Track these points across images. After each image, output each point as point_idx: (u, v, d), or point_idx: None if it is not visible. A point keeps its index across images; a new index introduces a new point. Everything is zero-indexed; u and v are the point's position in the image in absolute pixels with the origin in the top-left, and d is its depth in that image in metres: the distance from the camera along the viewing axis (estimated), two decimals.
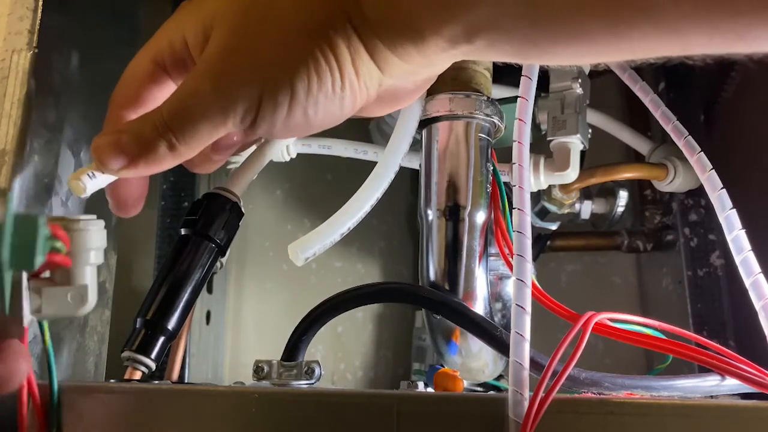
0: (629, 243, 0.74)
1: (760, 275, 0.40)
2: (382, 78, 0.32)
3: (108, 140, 0.32)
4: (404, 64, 0.32)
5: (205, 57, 0.32)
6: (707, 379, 0.39)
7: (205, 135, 0.32)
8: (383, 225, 0.87)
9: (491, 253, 0.50)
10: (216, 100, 0.31)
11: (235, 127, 0.32)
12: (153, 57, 0.36)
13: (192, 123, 0.31)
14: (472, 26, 0.29)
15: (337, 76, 0.31)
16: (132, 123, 0.34)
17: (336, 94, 0.32)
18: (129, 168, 0.32)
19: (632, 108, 0.77)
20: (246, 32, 0.31)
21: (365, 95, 0.33)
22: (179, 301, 0.42)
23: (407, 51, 0.31)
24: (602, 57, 0.30)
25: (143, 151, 0.32)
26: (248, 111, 0.31)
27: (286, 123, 0.32)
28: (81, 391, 0.37)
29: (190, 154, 0.33)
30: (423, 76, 0.36)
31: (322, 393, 0.37)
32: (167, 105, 0.32)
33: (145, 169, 0.33)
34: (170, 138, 0.32)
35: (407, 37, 0.30)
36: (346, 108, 0.33)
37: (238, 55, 0.31)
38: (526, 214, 0.38)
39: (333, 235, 0.46)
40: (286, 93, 0.31)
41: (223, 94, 0.31)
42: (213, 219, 0.44)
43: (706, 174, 0.44)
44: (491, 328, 0.42)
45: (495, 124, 0.49)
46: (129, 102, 0.36)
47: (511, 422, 0.32)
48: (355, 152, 0.58)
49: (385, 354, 0.84)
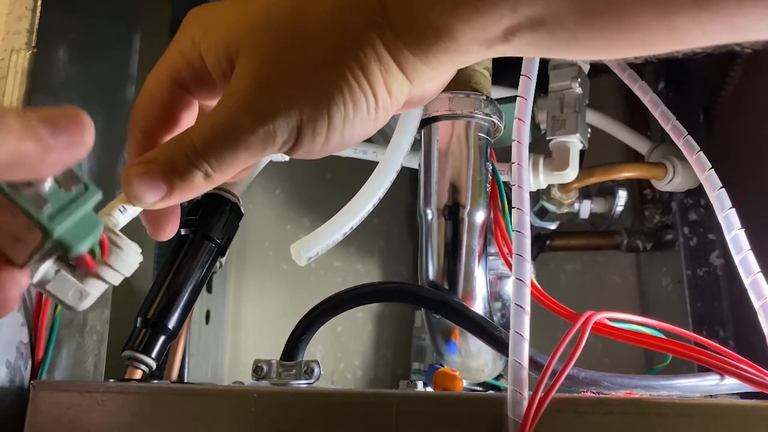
0: (629, 242, 0.74)
1: (759, 275, 0.40)
2: (412, 88, 0.33)
3: (139, 172, 0.32)
4: (433, 71, 0.32)
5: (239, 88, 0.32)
6: (707, 379, 0.39)
7: (243, 163, 0.32)
8: (383, 225, 0.87)
9: (491, 253, 0.50)
10: (255, 134, 0.31)
11: (274, 153, 0.33)
12: (171, 75, 0.35)
13: (231, 154, 0.32)
14: (514, 27, 0.28)
15: (371, 99, 0.31)
16: (161, 152, 0.33)
17: (371, 115, 0.32)
18: (164, 200, 0.32)
19: (631, 108, 0.77)
20: (278, 61, 0.31)
21: (396, 107, 0.33)
22: (179, 300, 0.43)
23: (439, 59, 0.31)
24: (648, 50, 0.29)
25: (178, 183, 0.32)
26: (287, 141, 0.32)
27: (324, 147, 0.33)
28: (80, 390, 0.37)
29: (225, 180, 0.33)
30: (447, 76, 0.36)
31: (322, 393, 0.36)
32: (200, 134, 0.32)
33: (179, 199, 0.33)
34: (206, 168, 0.32)
35: (440, 48, 0.30)
36: (379, 123, 0.34)
37: (273, 87, 0.31)
38: (526, 214, 0.38)
39: (336, 235, 0.46)
40: (324, 122, 0.31)
41: (263, 128, 0.31)
42: (213, 219, 0.44)
43: (706, 173, 0.44)
44: (490, 327, 0.42)
45: (494, 123, 0.49)
46: (152, 124, 0.35)
47: (511, 422, 0.32)
48: (355, 152, 0.58)
49: (385, 354, 0.84)
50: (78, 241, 0.26)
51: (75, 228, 0.26)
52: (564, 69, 0.56)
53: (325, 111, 0.31)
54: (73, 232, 0.25)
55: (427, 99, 0.38)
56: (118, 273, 0.30)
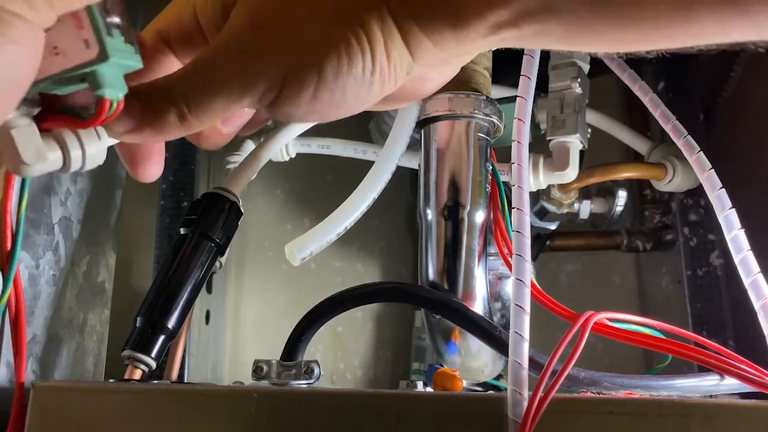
0: (628, 243, 0.74)
1: (759, 275, 0.40)
2: (413, 65, 0.31)
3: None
4: (438, 50, 0.30)
5: (229, 29, 0.31)
6: (706, 379, 0.39)
7: (219, 109, 0.31)
8: (383, 225, 0.87)
9: (490, 253, 0.50)
10: (237, 75, 0.30)
11: (252, 105, 0.31)
12: (158, 29, 0.34)
13: (208, 95, 0.30)
14: (524, 11, 0.27)
15: (368, 59, 0.30)
16: (139, 87, 0.31)
17: (365, 78, 0.30)
18: (133, 133, 0.31)
19: (631, 108, 0.77)
20: (276, 9, 0.30)
21: (393, 82, 0.31)
22: (179, 300, 0.43)
23: (444, 36, 0.29)
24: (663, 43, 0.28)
25: (151, 118, 0.30)
26: (270, 89, 0.30)
27: (310, 105, 0.31)
28: (80, 390, 0.37)
29: (199, 128, 0.31)
30: (452, 66, 0.35)
31: (322, 393, 0.36)
32: (181, 74, 0.31)
33: (150, 136, 0.31)
34: (182, 108, 0.30)
35: (446, 22, 0.29)
36: (373, 93, 0.31)
37: (266, 31, 0.30)
38: (525, 214, 0.38)
39: (329, 236, 0.46)
40: (314, 73, 0.29)
41: (247, 68, 0.30)
42: (212, 218, 0.44)
43: (706, 173, 0.44)
44: (490, 327, 0.42)
45: (494, 123, 0.49)
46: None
47: (511, 422, 0.32)
48: (355, 152, 0.58)
49: (385, 354, 0.84)
50: (110, 84, 0.26)
51: (115, 73, 0.26)
52: (564, 69, 0.56)
53: (316, 61, 0.29)
54: (112, 73, 0.26)
55: (426, 92, 0.36)
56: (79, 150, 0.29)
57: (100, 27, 0.25)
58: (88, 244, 0.54)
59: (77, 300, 0.52)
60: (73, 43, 0.26)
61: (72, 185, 0.52)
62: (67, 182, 0.51)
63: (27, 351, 0.46)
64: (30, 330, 0.47)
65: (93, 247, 0.55)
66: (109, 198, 0.57)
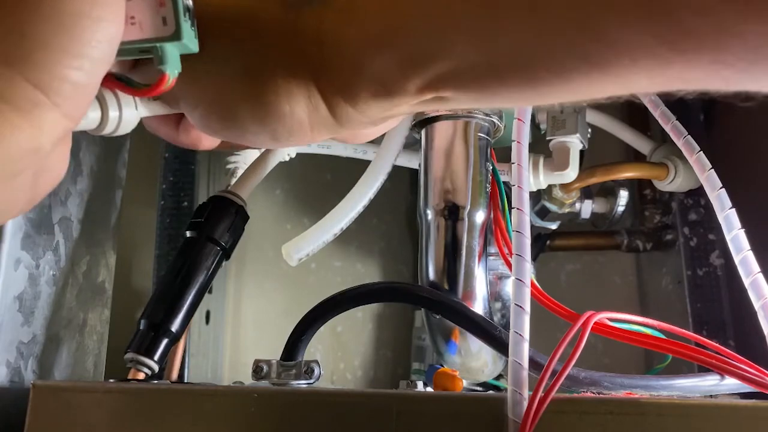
0: (629, 242, 0.74)
1: (759, 275, 0.40)
2: (340, 130, 0.33)
3: None
4: (364, 117, 0.32)
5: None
6: (706, 379, 0.39)
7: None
8: (383, 225, 0.87)
9: (491, 253, 0.50)
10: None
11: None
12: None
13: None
14: (437, 79, 0.29)
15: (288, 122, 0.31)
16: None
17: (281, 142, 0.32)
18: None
19: (632, 108, 0.77)
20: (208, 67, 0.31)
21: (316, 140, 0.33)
22: (184, 303, 0.43)
23: (369, 106, 0.31)
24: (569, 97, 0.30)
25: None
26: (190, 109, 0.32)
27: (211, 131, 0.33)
28: (80, 390, 0.37)
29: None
30: (386, 122, 0.36)
31: (322, 393, 0.36)
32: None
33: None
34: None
35: (371, 94, 0.30)
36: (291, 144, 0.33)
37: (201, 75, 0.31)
38: (525, 214, 0.38)
39: (325, 236, 0.46)
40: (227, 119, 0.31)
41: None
42: (219, 222, 0.44)
43: (706, 173, 0.44)
44: (490, 327, 0.42)
45: (494, 123, 0.49)
46: None
47: (511, 422, 0.32)
48: (354, 152, 0.58)
49: (385, 353, 0.84)
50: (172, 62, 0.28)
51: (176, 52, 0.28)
52: None
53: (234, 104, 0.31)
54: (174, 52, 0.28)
55: (363, 139, 0.38)
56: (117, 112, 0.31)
57: (180, 8, 0.27)
58: (88, 244, 0.54)
59: (77, 300, 0.52)
60: (152, 18, 0.27)
61: (72, 185, 0.52)
62: (67, 182, 0.51)
63: (27, 351, 0.46)
64: (30, 330, 0.47)
65: (93, 247, 0.55)
66: (109, 198, 0.57)
